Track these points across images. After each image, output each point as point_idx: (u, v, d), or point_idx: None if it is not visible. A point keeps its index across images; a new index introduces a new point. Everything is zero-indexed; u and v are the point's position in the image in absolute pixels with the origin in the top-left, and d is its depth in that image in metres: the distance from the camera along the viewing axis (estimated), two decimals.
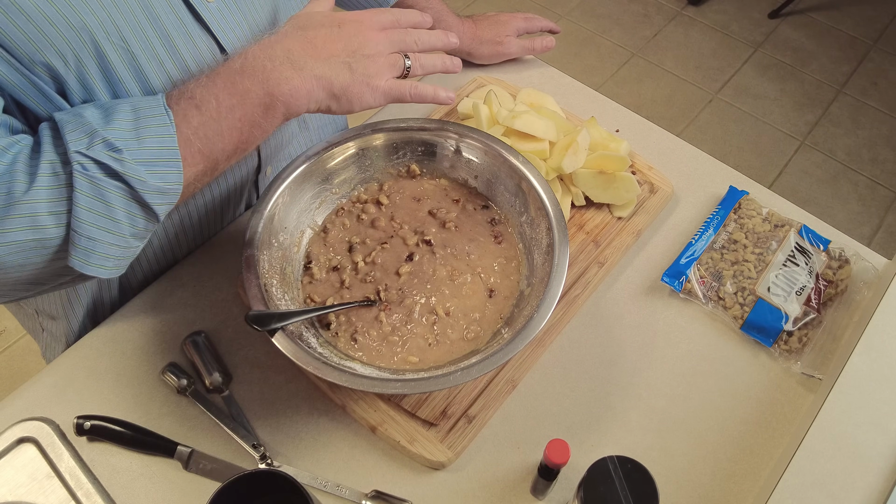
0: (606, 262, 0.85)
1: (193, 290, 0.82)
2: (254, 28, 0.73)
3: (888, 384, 0.70)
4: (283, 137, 0.87)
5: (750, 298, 0.81)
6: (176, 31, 0.65)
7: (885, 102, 2.44)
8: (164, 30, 0.64)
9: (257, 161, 0.85)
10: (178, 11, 0.65)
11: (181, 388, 0.74)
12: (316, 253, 0.80)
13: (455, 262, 0.78)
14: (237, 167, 0.83)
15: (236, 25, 0.71)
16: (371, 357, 0.72)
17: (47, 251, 0.56)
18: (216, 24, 0.68)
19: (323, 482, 0.70)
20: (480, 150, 0.82)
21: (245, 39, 0.72)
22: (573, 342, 0.80)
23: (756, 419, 0.75)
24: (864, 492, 0.64)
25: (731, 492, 0.71)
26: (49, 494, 0.68)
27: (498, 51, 1.04)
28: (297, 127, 0.90)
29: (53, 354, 0.89)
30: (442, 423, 0.72)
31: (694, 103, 2.44)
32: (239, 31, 0.71)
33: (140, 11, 0.62)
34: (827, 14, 2.73)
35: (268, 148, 0.85)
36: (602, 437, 0.74)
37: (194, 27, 0.67)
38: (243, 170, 0.84)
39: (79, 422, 0.71)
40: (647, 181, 0.91)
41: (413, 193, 0.84)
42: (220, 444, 0.72)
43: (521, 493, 0.70)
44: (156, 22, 0.63)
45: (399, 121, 0.83)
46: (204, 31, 0.68)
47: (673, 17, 2.72)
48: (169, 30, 0.64)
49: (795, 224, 0.87)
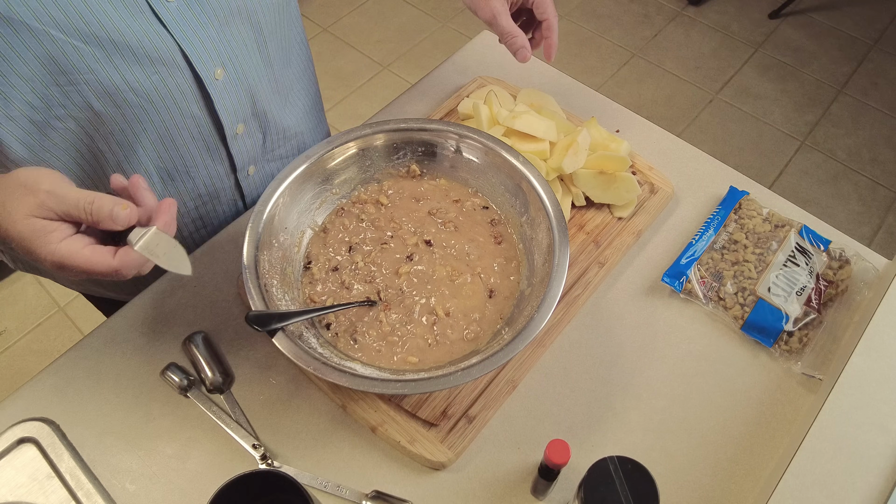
0: (607, 262, 0.85)
1: (194, 291, 0.82)
2: (222, 33, 0.72)
3: (888, 384, 0.70)
4: (263, 140, 0.87)
5: (750, 299, 0.81)
6: (132, 29, 0.64)
7: (885, 102, 2.44)
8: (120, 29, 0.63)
9: (228, 161, 0.84)
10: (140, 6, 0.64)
11: (181, 388, 0.74)
12: (316, 253, 0.80)
13: (455, 262, 0.78)
14: (204, 168, 0.82)
15: (199, 27, 0.70)
16: (371, 357, 0.72)
17: None
18: (176, 24, 0.67)
19: (323, 482, 0.70)
20: (481, 150, 0.82)
21: (213, 41, 0.71)
22: (573, 342, 0.80)
23: (756, 419, 0.75)
24: (865, 492, 0.64)
25: (732, 492, 0.71)
26: (49, 495, 0.68)
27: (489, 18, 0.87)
28: (276, 135, 0.89)
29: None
30: (442, 424, 0.72)
31: (694, 103, 2.44)
32: (203, 34, 0.70)
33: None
34: (827, 14, 2.73)
35: (243, 149, 0.85)
36: (602, 437, 0.74)
37: (156, 26, 0.66)
38: (215, 169, 0.83)
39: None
40: (648, 181, 0.91)
41: (413, 193, 0.84)
42: (220, 444, 0.72)
43: (521, 493, 0.70)
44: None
45: (399, 121, 0.83)
46: (164, 30, 0.67)
47: (673, 18, 2.72)
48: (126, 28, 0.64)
49: (796, 224, 0.87)
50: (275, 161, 0.93)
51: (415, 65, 2.53)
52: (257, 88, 0.81)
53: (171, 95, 0.71)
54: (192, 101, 0.74)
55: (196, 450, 0.72)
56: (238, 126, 0.81)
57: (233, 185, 0.88)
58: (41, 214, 0.57)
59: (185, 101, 0.73)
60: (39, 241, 0.57)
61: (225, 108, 0.77)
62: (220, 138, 0.81)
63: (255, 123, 0.84)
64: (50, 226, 0.57)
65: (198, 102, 0.75)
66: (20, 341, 1.85)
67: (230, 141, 0.82)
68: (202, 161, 0.81)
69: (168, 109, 0.72)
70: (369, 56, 2.56)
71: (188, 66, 0.71)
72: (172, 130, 0.75)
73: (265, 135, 0.87)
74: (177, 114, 0.73)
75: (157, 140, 0.75)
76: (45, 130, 0.68)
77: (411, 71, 2.51)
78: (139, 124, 0.72)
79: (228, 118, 0.79)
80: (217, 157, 0.83)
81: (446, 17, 2.71)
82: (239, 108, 0.79)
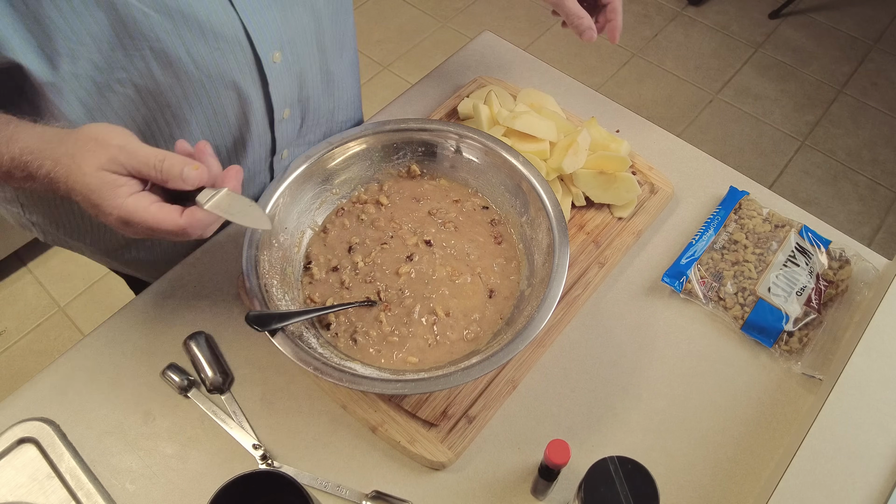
0: (607, 262, 0.85)
1: (194, 291, 0.82)
2: (284, 16, 0.73)
3: (888, 384, 0.70)
4: (300, 125, 0.88)
5: (750, 299, 0.81)
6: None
7: (885, 103, 2.44)
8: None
9: (271, 143, 0.86)
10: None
11: (181, 388, 0.74)
12: (316, 253, 0.80)
13: (455, 262, 0.78)
14: (250, 149, 0.83)
15: (264, 9, 0.71)
16: (371, 357, 0.72)
17: None
18: (243, 3, 0.69)
19: (323, 482, 0.70)
20: (481, 150, 0.82)
21: (276, 24, 0.72)
22: (574, 343, 0.80)
23: (756, 419, 0.75)
24: (865, 492, 0.64)
25: (732, 492, 0.71)
26: (49, 495, 0.68)
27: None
28: (313, 116, 0.90)
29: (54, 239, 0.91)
30: (442, 424, 0.72)
31: (694, 104, 2.44)
32: (267, 15, 0.71)
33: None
34: (827, 14, 2.73)
35: (284, 133, 0.86)
36: (602, 437, 0.74)
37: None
38: (258, 152, 0.85)
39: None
40: (648, 181, 0.91)
41: (413, 194, 0.84)
42: (220, 444, 0.72)
43: (521, 493, 0.70)
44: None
45: (399, 121, 0.83)
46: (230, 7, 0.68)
47: (673, 18, 2.72)
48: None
49: (796, 224, 0.87)
50: (303, 146, 0.94)
51: (415, 65, 2.53)
52: (307, 75, 0.83)
53: (231, 73, 0.72)
54: (250, 81, 0.75)
55: (196, 450, 0.72)
56: (285, 110, 0.83)
57: (266, 168, 0.90)
58: (111, 168, 0.57)
59: (242, 79, 0.74)
60: (108, 195, 0.57)
61: (278, 91, 0.79)
62: (268, 121, 0.82)
63: (297, 109, 0.86)
64: (119, 180, 0.58)
65: (254, 83, 0.76)
66: (20, 341, 1.85)
67: (276, 124, 0.83)
68: (249, 141, 0.82)
69: (226, 86, 0.73)
70: (369, 56, 2.55)
71: (250, 45, 0.72)
72: (227, 108, 0.76)
73: (303, 120, 0.89)
74: (233, 92, 0.75)
75: (212, 117, 0.76)
76: (106, 93, 0.69)
77: (411, 71, 2.51)
78: (196, 98, 0.73)
79: (279, 101, 0.80)
80: (262, 140, 0.84)
81: (446, 17, 2.71)
82: (289, 93, 0.81)
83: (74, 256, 1.98)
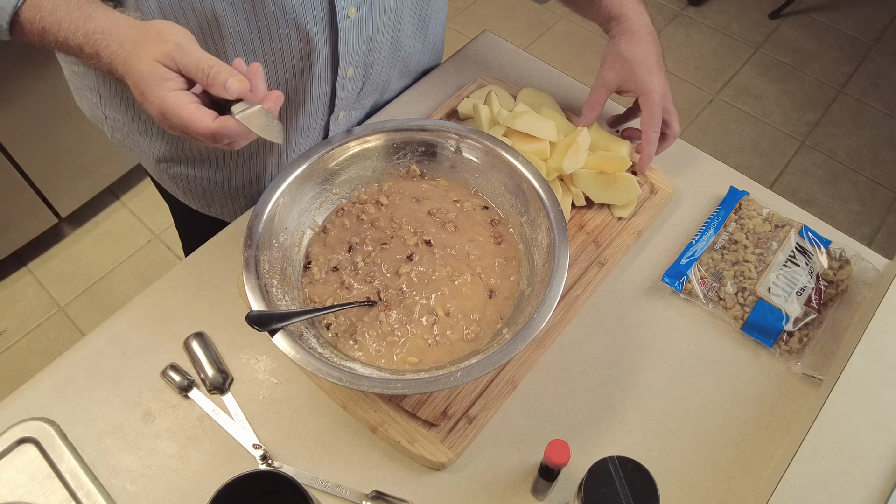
0: (607, 262, 0.85)
1: (194, 291, 0.82)
2: None
3: (889, 384, 0.70)
4: (361, 87, 0.90)
5: (750, 299, 0.81)
6: None
7: (885, 103, 2.44)
8: None
9: (330, 100, 0.87)
10: None
11: (181, 388, 0.74)
12: (316, 253, 0.80)
13: (455, 262, 0.78)
14: (309, 100, 0.85)
15: None
16: (371, 357, 0.72)
17: None
18: None
19: (323, 482, 0.70)
20: (481, 150, 0.82)
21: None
22: (574, 343, 0.80)
23: (756, 420, 0.75)
24: (865, 492, 0.64)
25: (732, 492, 0.71)
26: (49, 495, 0.68)
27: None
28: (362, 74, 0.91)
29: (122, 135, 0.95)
30: (442, 424, 0.72)
31: (694, 104, 2.44)
32: None
33: None
34: (827, 14, 2.73)
35: (344, 94, 0.87)
36: (603, 437, 0.74)
37: None
38: (317, 107, 0.87)
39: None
40: (648, 181, 0.91)
41: (413, 194, 0.84)
42: (220, 444, 0.72)
43: (521, 493, 0.70)
44: None
45: (399, 121, 0.83)
46: None
47: (673, 18, 2.72)
48: None
49: (796, 224, 0.87)
50: (357, 110, 0.95)
51: None
52: (377, 38, 0.84)
53: (304, 17, 0.74)
54: (321, 30, 0.76)
55: (196, 450, 0.72)
56: (349, 69, 0.84)
57: (322, 127, 0.91)
58: (164, 62, 0.61)
59: (314, 27, 0.75)
60: (154, 85, 0.61)
61: (346, 46, 0.80)
62: (331, 78, 0.83)
63: (361, 71, 0.87)
64: (168, 74, 0.61)
65: (324, 33, 0.77)
66: (20, 341, 1.85)
67: (339, 82, 0.84)
68: (308, 91, 0.83)
69: (298, 29, 0.75)
70: None
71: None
72: (296, 55, 0.78)
73: (364, 84, 0.90)
74: (303, 39, 0.76)
75: (279, 60, 0.78)
76: (184, 5, 0.72)
77: None
78: (266, 32, 0.74)
79: (345, 58, 0.81)
80: (322, 95, 0.85)
81: (446, 16, 2.71)
82: (357, 52, 0.82)
83: (74, 256, 1.99)
